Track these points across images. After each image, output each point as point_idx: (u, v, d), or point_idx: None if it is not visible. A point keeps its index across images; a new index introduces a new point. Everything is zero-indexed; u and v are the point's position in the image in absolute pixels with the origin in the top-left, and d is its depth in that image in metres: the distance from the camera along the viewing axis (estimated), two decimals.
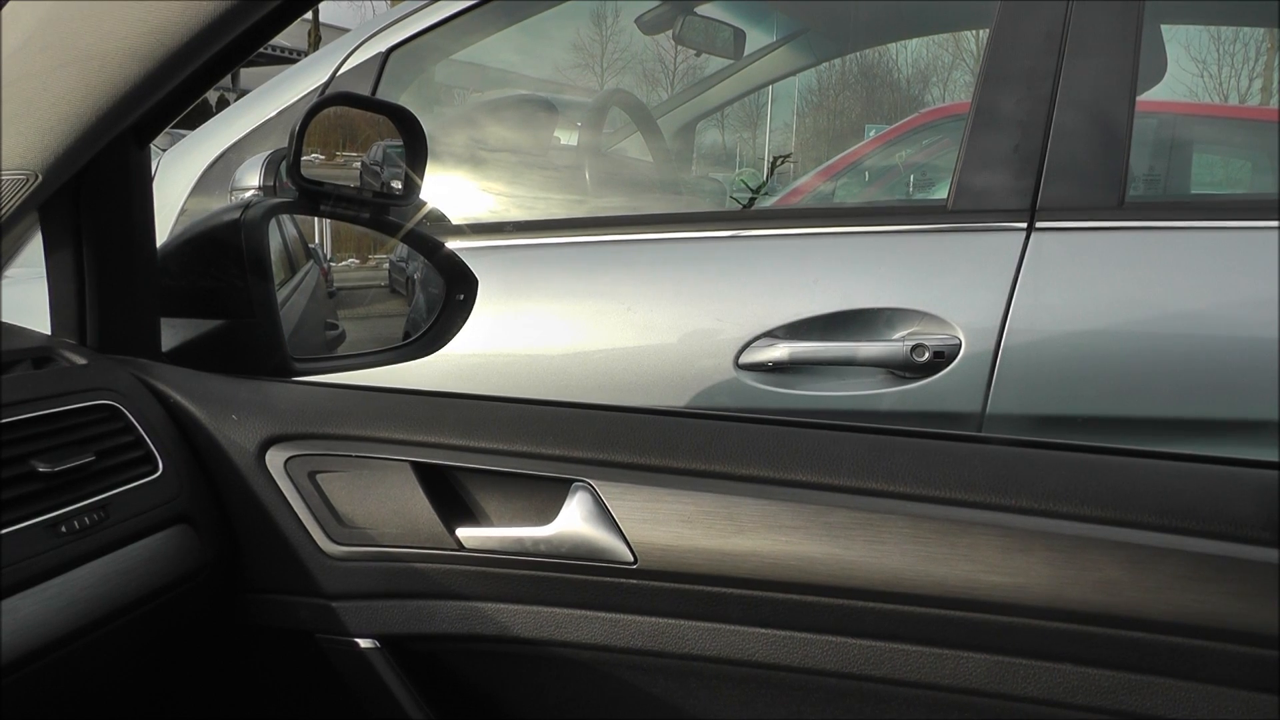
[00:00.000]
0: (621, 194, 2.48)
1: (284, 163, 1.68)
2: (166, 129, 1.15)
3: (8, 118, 0.96)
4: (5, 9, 0.95)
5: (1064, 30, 1.69)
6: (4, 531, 0.86)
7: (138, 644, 1.03)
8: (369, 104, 1.49)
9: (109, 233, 1.12)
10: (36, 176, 0.99)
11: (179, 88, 1.01)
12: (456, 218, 1.91)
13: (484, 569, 1.06)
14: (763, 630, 1.01)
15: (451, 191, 2.05)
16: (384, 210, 1.35)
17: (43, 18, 0.93)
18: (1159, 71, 2.28)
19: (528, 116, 2.35)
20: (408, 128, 1.31)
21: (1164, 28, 2.31)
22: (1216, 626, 0.88)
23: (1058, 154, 1.66)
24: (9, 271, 1.46)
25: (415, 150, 1.31)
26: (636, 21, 2.75)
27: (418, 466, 1.07)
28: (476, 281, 1.44)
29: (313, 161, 1.36)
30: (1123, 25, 1.69)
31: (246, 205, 1.22)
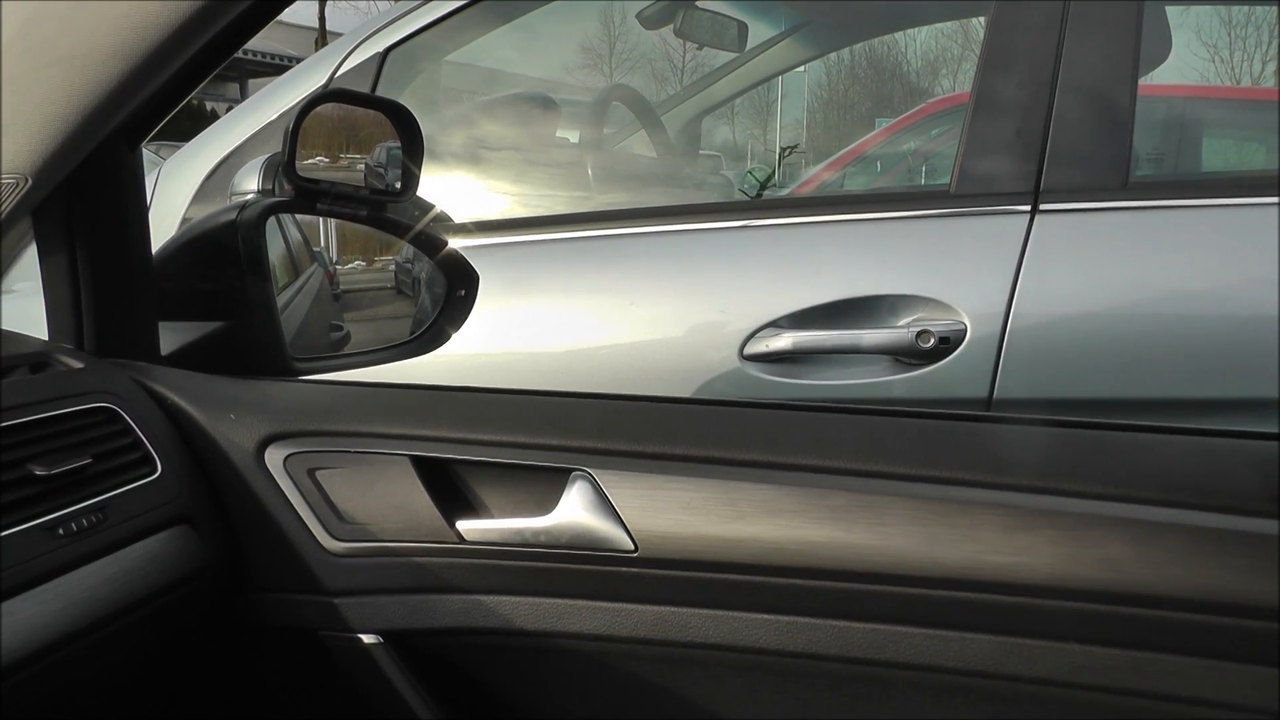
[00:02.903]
0: (624, 189, 2.48)
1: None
2: (167, 141, 1.15)
3: None
4: None
5: (1064, 11, 1.68)
6: (1, 535, 0.86)
7: (140, 645, 1.03)
8: (363, 100, 1.49)
9: (102, 236, 1.13)
10: (27, 180, 0.99)
11: (165, 87, 1.01)
12: (458, 216, 1.91)
13: (485, 561, 1.05)
14: (766, 616, 1.00)
15: (453, 190, 2.05)
16: (382, 207, 1.35)
17: (24, 20, 0.93)
18: (1163, 52, 2.26)
19: (529, 114, 2.34)
20: (403, 123, 1.31)
21: (1172, 11, 2.29)
22: (1221, 601, 0.87)
23: (1060, 136, 1.65)
24: (16, 285, 1.46)
25: (412, 145, 1.31)
26: (638, 16, 2.74)
27: (416, 460, 1.07)
28: (477, 277, 1.43)
29: (317, 165, 1.36)
30: (1123, 5, 1.68)
31: (243, 206, 1.22)
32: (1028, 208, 1.64)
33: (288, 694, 1.18)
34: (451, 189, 2.05)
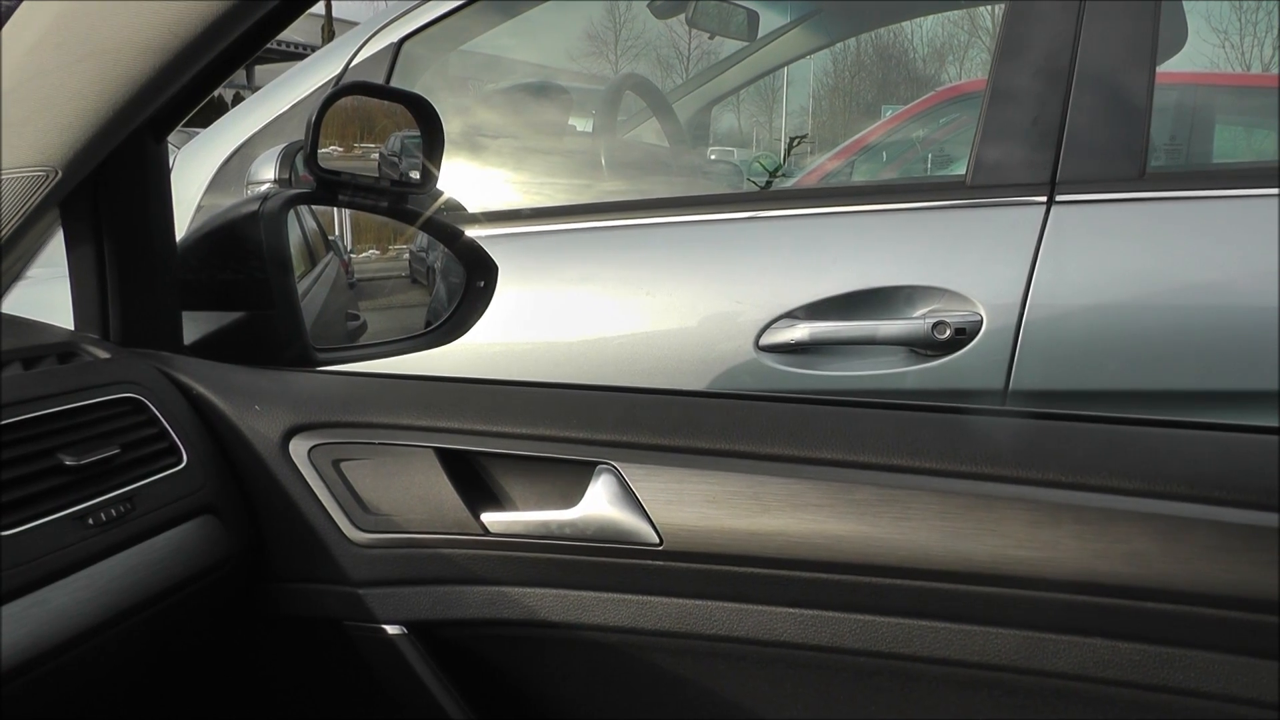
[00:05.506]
0: (637, 178, 2.48)
1: (300, 154, 1.68)
2: (181, 127, 1.15)
3: (26, 115, 0.97)
4: (21, 7, 0.95)
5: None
6: (33, 525, 0.87)
7: (164, 634, 1.03)
8: (384, 92, 1.49)
9: (128, 227, 1.13)
10: (56, 173, 1.00)
11: (193, 81, 1.02)
12: (474, 206, 1.91)
13: (510, 553, 1.06)
14: (790, 610, 1.00)
15: (469, 180, 2.05)
16: (402, 199, 1.35)
17: (58, 14, 0.93)
18: (1179, 40, 2.26)
19: (542, 103, 2.34)
20: (423, 115, 1.31)
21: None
22: (1248, 596, 0.87)
23: (1077, 125, 1.65)
24: (33, 271, 1.46)
25: (432, 138, 1.31)
26: (649, 6, 2.74)
27: (441, 452, 1.07)
28: (496, 269, 1.43)
29: (331, 154, 1.37)
30: None
31: (265, 197, 1.23)
32: (1044, 198, 1.64)
33: (311, 684, 1.18)
34: (467, 179, 2.05)
